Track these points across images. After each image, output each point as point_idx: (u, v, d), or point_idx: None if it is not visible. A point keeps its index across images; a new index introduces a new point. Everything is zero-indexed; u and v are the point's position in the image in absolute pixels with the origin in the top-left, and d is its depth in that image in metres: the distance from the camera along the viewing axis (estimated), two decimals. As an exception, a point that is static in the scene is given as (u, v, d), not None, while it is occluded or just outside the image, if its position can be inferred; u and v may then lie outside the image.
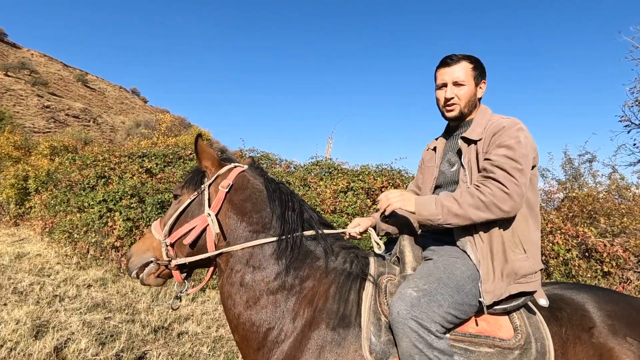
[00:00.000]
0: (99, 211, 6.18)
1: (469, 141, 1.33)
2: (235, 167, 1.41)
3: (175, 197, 1.43)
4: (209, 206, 1.30)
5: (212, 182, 1.36)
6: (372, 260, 1.27)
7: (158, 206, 5.89)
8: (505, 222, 1.17)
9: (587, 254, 5.54)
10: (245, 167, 1.43)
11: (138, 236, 5.90)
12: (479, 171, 1.27)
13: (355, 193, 5.72)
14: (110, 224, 6.15)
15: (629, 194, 7.83)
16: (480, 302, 1.12)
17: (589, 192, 8.07)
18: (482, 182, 1.19)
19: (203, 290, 5.31)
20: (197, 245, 1.33)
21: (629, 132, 9.57)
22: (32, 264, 5.52)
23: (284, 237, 1.23)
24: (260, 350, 1.16)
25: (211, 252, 1.29)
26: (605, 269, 5.42)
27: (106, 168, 7.09)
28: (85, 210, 6.44)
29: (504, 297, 1.14)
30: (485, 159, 1.24)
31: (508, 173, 1.15)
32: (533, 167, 1.25)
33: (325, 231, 1.30)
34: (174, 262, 1.35)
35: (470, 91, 1.36)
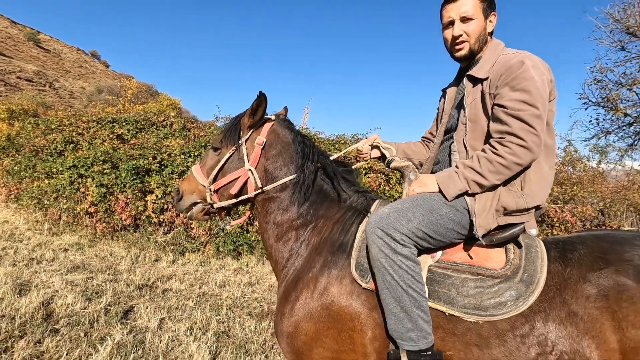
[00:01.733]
0: (70, 177, 6.01)
1: (474, 80, 1.27)
2: (266, 121, 1.55)
3: (215, 149, 1.57)
4: (248, 161, 1.49)
5: (248, 138, 1.51)
6: (377, 201, 1.43)
7: (133, 172, 5.80)
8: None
9: (540, 218, 6.12)
10: (273, 119, 1.57)
11: (113, 202, 5.84)
12: (485, 115, 1.22)
13: (332, 160, 5.89)
14: (82, 190, 6.01)
15: (580, 166, 8.57)
16: (463, 231, 1.19)
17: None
18: (499, 140, 1.13)
19: (182, 253, 5.43)
20: (240, 194, 1.54)
21: (586, 109, 10.27)
22: (1, 230, 5.35)
23: (304, 185, 1.45)
24: (284, 270, 1.45)
25: (249, 194, 1.52)
26: (555, 233, 6.04)
27: (74, 133, 6.80)
28: (54, 176, 6.23)
29: (492, 228, 1.17)
30: (497, 105, 1.16)
31: (526, 122, 1.09)
32: (550, 100, 1.18)
33: (334, 157, 1.57)
34: (216, 205, 1.55)
35: (479, 26, 1.27)
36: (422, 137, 1.69)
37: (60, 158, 6.35)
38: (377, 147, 1.63)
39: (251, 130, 1.52)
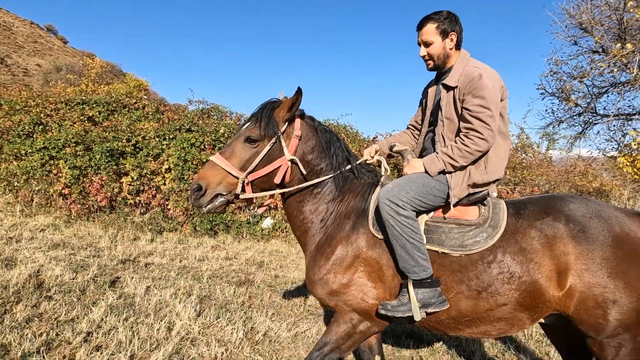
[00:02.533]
0: (41, 159, 5.97)
1: (447, 87, 1.67)
2: (296, 117, 1.74)
3: (252, 141, 1.67)
4: (288, 152, 1.68)
5: (284, 130, 1.70)
6: (383, 177, 1.83)
7: (107, 154, 5.87)
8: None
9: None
10: (299, 115, 1.77)
11: (87, 184, 5.89)
12: (457, 114, 1.64)
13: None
14: (54, 172, 6.01)
15: (530, 151, 9.43)
16: (446, 197, 1.62)
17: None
18: (465, 134, 1.58)
19: (160, 232, 5.64)
20: (282, 182, 1.72)
21: (543, 99, 11.12)
22: (-30, 212, 5.31)
23: (338, 172, 1.77)
24: (314, 236, 1.75)
25: (295, 187, 1.74)
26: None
27: (42, 115, 6.67)
28: (23, 158, 6.16)
29: (464, 196, 1.63)
30: (464, 108, 1.59)
31: (483, 122, 1.53)
32: (502, 100, 1.62)
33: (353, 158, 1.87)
34: (242, 197, 1.67)
35: (439, 47, 1.68)
36: (409, 124, 2.10)
37: (29, 140, 6.26)
38: (378, 152, 1.98)
39: (286, 124, 1.70)
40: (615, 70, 9.51)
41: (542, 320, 1.63)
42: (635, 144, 9.32)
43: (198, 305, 2.96)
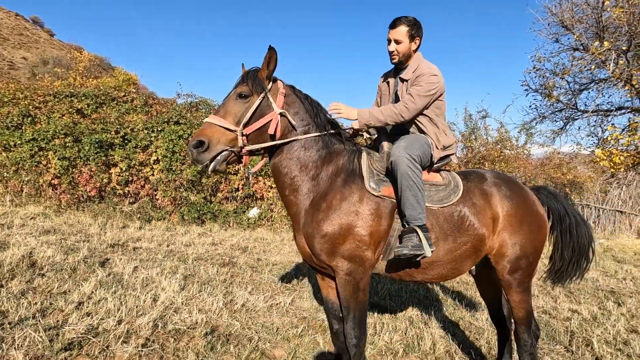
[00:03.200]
0: (30, 150, 6.10)
1: (403, 80, 2.06)
2: (276, 79, 1.91)
3: (244, 97, 1.80)
4: (277, 107, 1.82)
5: (271, 88, 1.85)
6: (364, 149, 2.07)
7: (96, 146, 6.02)
8: (434, 125, 2.04)
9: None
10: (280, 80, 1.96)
11: (77, 175, 6.05)
12: None
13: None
14: (44, 162, 6.14)
15: (509, 145, 9.81)
16: (430, 159, 2.00)
17: (481, 142, 9.90)
18: (399, 103, 1.99)
19: (149, 221, 5.84)
20: (274, 135, 1.84)
21: (526, 95, 11.50)
22: (-39, 201, 5.43)
23: (325, 133, 1.94)
24: (309, 193, 1.88)
25: (285, 140, 1.88)
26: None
27: (30, 107, 6.77)
28: (12, 149, 6.27)
29: (441, 157, 2.02)
30: (408, 92, 2.02)
31: (414, 103, 1.95)
32: (440, 95, 2.03)
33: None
34: (246, 149, 1.79)
35: (406, 47, 2.02)
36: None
37: (18, 131, 6.37)
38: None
39: (270, 83, 1.85)
40: (594, 67, 9.93)
41: (473, 269, 2.01)
42: (612, 139, 9.76)
43: (182, 282, 3.20)
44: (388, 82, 2.25)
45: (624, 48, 9.10)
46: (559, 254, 2.20)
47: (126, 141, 6.32)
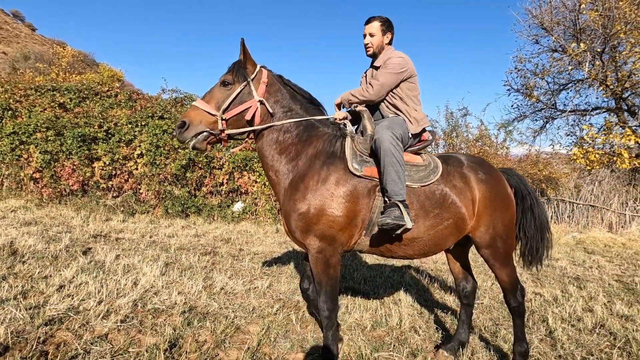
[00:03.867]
0: (10, 144, 6.06)
1: (375, 67, 2.27)
2: (262, 68, 2.07)
3: (226, 84, 1.99)
4: (257, 95, 1.98)
5: (254, 77, 2.02)
6: (349, 132, 2.16)
7: (79, 139, 6.02)
8: (404, 103, 2.21)
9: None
10: (268, 70, 2.13)
11: (59, 169, 6.03)
12: None
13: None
14: (25, 156, 6.11)
15: (488, 142, 10.13)
16: (409, 136, 2.17)
17: (462, 140, 10.19)
18: (367, 85, 2.22)
19: (132, 214, 5.87)
20: (252, 120, 2.01)
21: (509, 95, 11.86)
22: (-61, 195, 5.37)
23: (304, 119, 2.09)
24: (286, 175, 2.03)
25: (263, 125, 2.04)
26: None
27: (10, 100, 6.70)
28: (-8, 143, 6.21)
29: (417, 132, 2.19)
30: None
31: (378, 80, 2.15)
32: (409, 78, 2.21)
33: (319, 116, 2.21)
34: (226, 132, 1.96)
35: (379, 40, 2.25)
36: None
37: (-2, 125, 6.31)
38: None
39: (253, 73, 2.02)
40: (571, 68, 10.33)
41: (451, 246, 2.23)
42: (588, 138, 10.16)
43: (163, 268, 3.29)
44: (366, 74, 2.45)
45: (598, 50, 9.50)
46: (523, 232, 2.36)
47: (110, 135, 6.33)
